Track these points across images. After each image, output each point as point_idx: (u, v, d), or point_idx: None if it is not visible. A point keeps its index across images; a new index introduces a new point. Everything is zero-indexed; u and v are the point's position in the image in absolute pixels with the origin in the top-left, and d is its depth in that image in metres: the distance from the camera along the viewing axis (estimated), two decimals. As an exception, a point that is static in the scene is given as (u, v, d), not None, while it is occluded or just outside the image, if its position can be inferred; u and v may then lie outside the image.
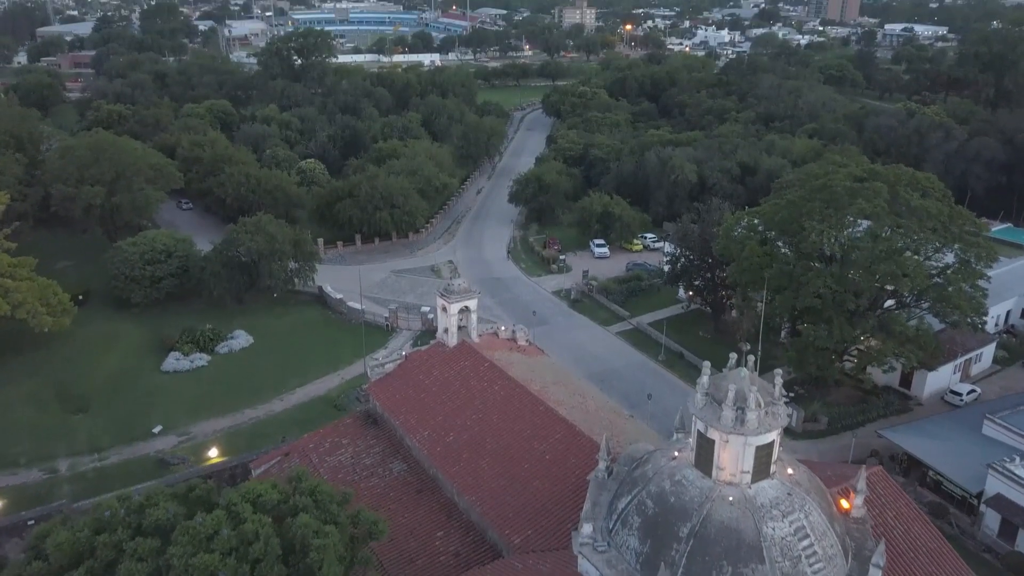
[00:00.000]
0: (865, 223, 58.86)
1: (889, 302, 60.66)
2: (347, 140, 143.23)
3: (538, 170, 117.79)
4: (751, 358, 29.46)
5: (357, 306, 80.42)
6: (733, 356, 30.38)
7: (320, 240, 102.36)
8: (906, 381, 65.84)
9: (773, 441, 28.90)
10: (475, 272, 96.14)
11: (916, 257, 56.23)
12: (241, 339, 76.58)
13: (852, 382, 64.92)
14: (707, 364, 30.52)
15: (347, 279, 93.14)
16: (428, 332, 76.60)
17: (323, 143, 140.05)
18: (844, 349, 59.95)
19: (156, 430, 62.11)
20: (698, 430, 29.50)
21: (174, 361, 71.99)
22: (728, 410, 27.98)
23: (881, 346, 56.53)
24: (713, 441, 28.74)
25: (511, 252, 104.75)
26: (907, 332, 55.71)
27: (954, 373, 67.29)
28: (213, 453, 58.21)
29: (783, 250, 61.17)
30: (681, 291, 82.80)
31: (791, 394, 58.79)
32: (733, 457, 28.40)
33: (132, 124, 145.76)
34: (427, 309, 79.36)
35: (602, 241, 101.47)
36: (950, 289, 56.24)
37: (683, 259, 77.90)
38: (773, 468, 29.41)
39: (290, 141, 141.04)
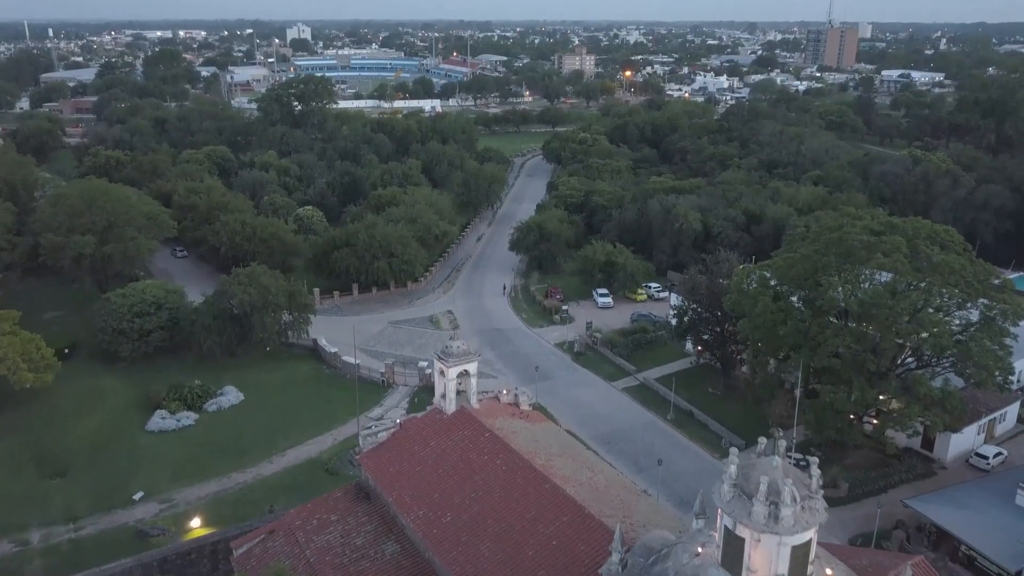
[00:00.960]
0: (884, 275, 56.33)
1: (909, 359, 57.75)
2: (346, 187, 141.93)
3: (539, 218, 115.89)
4: (782, 443, 26.49)
5: (352, 360, 77.41)
6: (763, 441, 27.40)
7: (316, 290, 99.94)
8: (928, 443, 62.50)
9: (811, 540, 25.81)
10: (475, 323, 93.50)
11: (939, 314, 53.46)
12: (231, 396, 73.42)
13: (872, 444, 61.56)
14: (734, 450, 27.51)
15: (343, 331, 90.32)
16: (426, 388, 73.56)
17: (322, 190, 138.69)
18: (864, 411, 56.80)
19: (137, 496, 58.56)
20: (725, 525, 26.38)
21: (160, 420, 68.70)
22: (760, 505, 24.92)
23: (905, 409, 53.40)
24: (743, 539, 25.61)
25: (511, 299, 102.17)
26: (932, 394, 52.65)
27: (978, 434, 64.00)
28: (196, 523, 54.64)
29: (798, 306, 58.38)
30: (689, 344, 79.87)
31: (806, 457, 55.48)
32: (766, 558, 25.25)
33: (129, 170, 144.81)
34: (425, 363, 76.36)
35: (605, 291, 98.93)
36: (974, 347, 53.36)
37: (691, 312, 75.14)
38: (810, 569, 26.25)
39: (288, 187, 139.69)
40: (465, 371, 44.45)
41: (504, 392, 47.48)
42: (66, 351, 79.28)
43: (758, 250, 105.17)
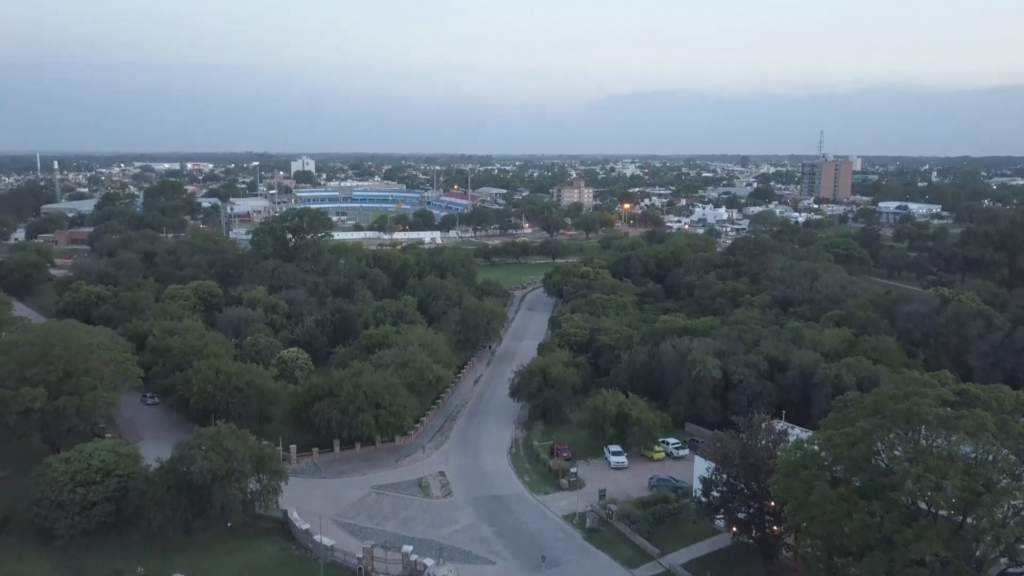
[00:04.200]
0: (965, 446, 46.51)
1: (1003, 559, 46.86)
2: (337, 325, 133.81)
3: (542, 361, 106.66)
4: None
5: (327, 541, 65.85)
6: None
7: (293, 447, 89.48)
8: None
9: None
10: (471, 488, 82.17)
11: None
12: (178, 588, 61.53)
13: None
14: None
15: (320, 497, 79.33)
16: (411, 579, 61.70)
17: (310, 328, 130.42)
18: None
19: None
20: None
21: (86, 624, 56.63)
22: None
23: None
24: None
25: (512, 457, 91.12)
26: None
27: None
28: None
29: (862, 490, 48.02)
30: (720, 521, 68.50)
31: None
32: None
33: (108, 307, 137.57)
34: (410, 549, 64.65)
35: (618, 448, 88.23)
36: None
37: (722, 484, 64.38)
38: None
39: (275, 326, 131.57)
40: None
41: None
42: (-5, 526, 68.02)
43: (784, 401, 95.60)
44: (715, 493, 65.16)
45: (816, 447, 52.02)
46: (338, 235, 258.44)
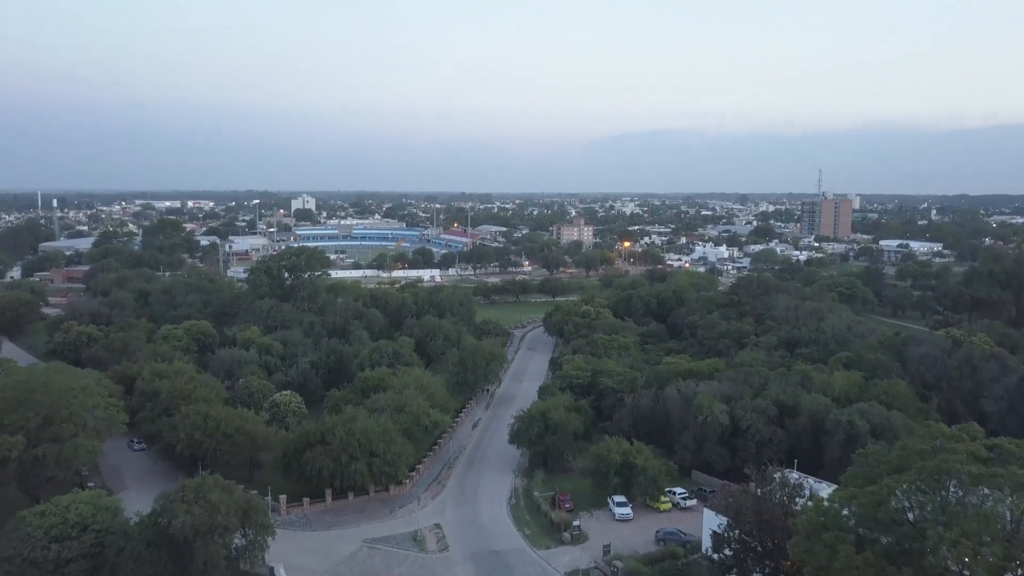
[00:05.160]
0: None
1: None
2: (332, 367, 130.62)
3: (543, 405, 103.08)
4: None
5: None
6: None
7: (283, 497, 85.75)
8: None
9: None
10: (468, 542, 78.17)
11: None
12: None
13: None
14: None
15: (309, 552, 75.45)
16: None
17: (305, 370, 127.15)
18: None
19: None
20: None
21: None
22: None
23: None
24: None
25: (512, 508, 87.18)
26: None
27: None
28: None
29: (888, 556, 44.50)
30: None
31: None
32: None
33: (98, 348, 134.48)
34: (404, 612, 60.78)
35: (623, 499, 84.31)
36: None
37: (734, 542, 60.70)
38: None
39: (269, 367, 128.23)
40: None
41: None
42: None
43: (794, 447, 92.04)
44: (727, 551, 61.44)
45: (836, 504, 48.52)
46: (336, 273, 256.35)
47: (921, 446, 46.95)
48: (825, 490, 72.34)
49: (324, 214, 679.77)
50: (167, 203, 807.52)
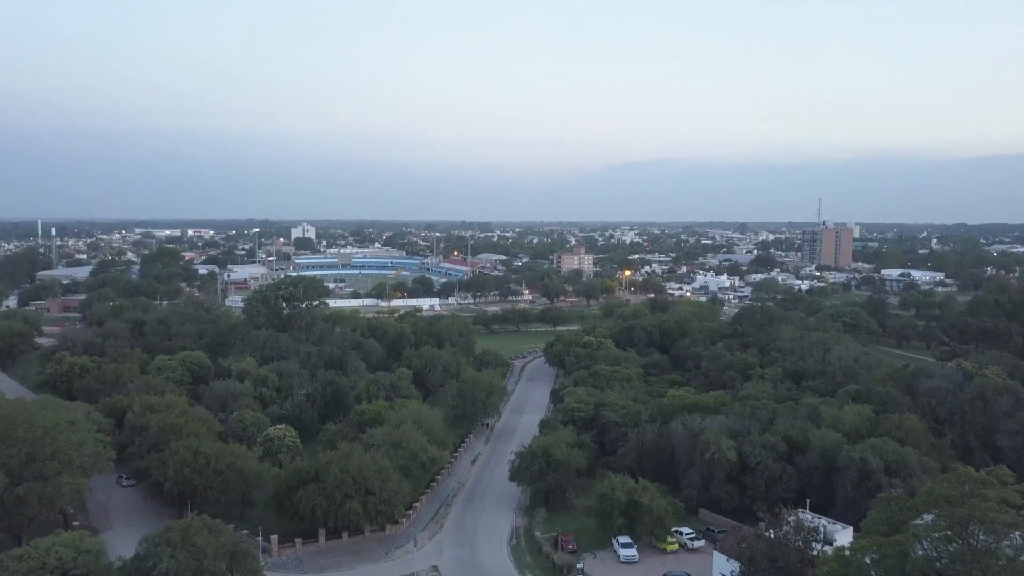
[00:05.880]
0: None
1: None
2: (328, 399, 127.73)
3: (545, 441, 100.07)
4: None
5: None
6: None
7: (274, 537, 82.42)
8: None
9: None
10: (467, 586, 74.93)
11: None
12: None
13: None
14: None
15: (301, 597, 72.11)
16: None
17: (300, 403, 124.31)
18: None
19: None
20: None
21: None
22: None
23: None
24: None
25: (512, 549, 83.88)
26: None
27: None
28: None
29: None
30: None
31: None
32: None
33: (90, 380, 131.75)
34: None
35: (628, 540, 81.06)
36: None
37: (748, 589, 57.62)
38: None
39: (264, 400, 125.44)
40: None
41: None
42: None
43: (805, 485, 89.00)
44: (740, 599, 58.35)
45: (861, 556, 45.61)
46: (335, 302, 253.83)
47: (950, 491, 44.24)
48: (840, 532, 69.54)
49: (324, 243, 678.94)
50: (167, 232, 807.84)
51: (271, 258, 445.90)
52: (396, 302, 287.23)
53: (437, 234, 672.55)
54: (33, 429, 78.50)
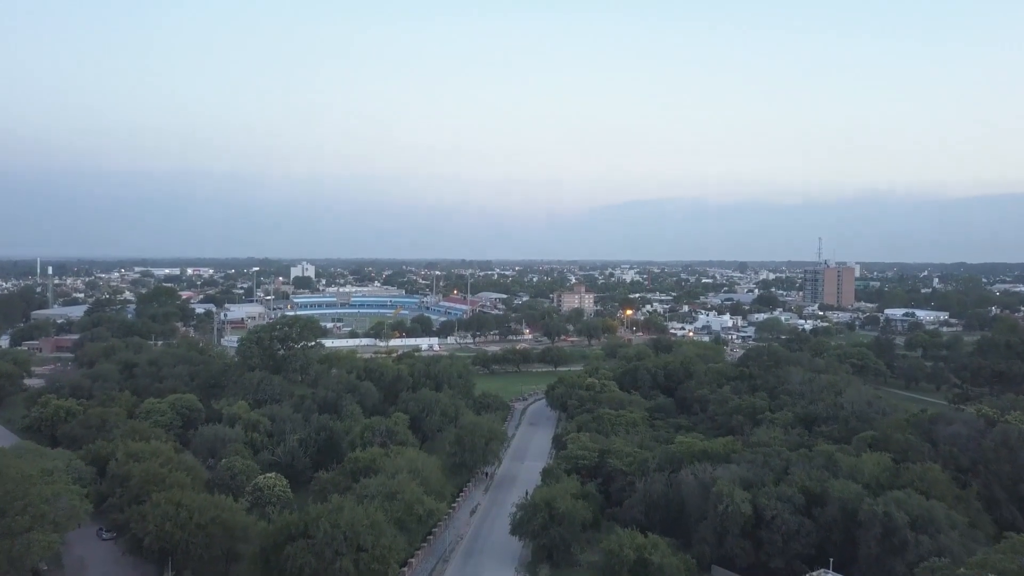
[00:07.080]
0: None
1: None
2: (321, 444, 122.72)
3: (548, 493, 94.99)
4: None
5: None
6: None
7: (259, 598, 77.00)
8: None
9: None
10: (466, 653, 69.54)
11: None
12: None
13: None
14: None
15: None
16: None
17: (293, 449, 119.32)
18: None
19: None
20: None
21: None
22: None
23: None
24: None
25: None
26: None
27: None
28: None
29: None
30: None
31: None
32: None
33: (74, 425, 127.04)
34: None
35: (638, 601, 75.85)
36: None
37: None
38: None
39: (255, 445, 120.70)
40: None
41: None
42: None
43: (824, 540, 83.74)
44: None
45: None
46: (332, 342, 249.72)
47: (1006, 564, 39.79)
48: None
49: (324, 281, 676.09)
50: (166, 270, 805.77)
51: (269, 297, 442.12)
52: (394, 342, 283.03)
53: (437, 272, 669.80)
54: (4, 482, 73.82)
